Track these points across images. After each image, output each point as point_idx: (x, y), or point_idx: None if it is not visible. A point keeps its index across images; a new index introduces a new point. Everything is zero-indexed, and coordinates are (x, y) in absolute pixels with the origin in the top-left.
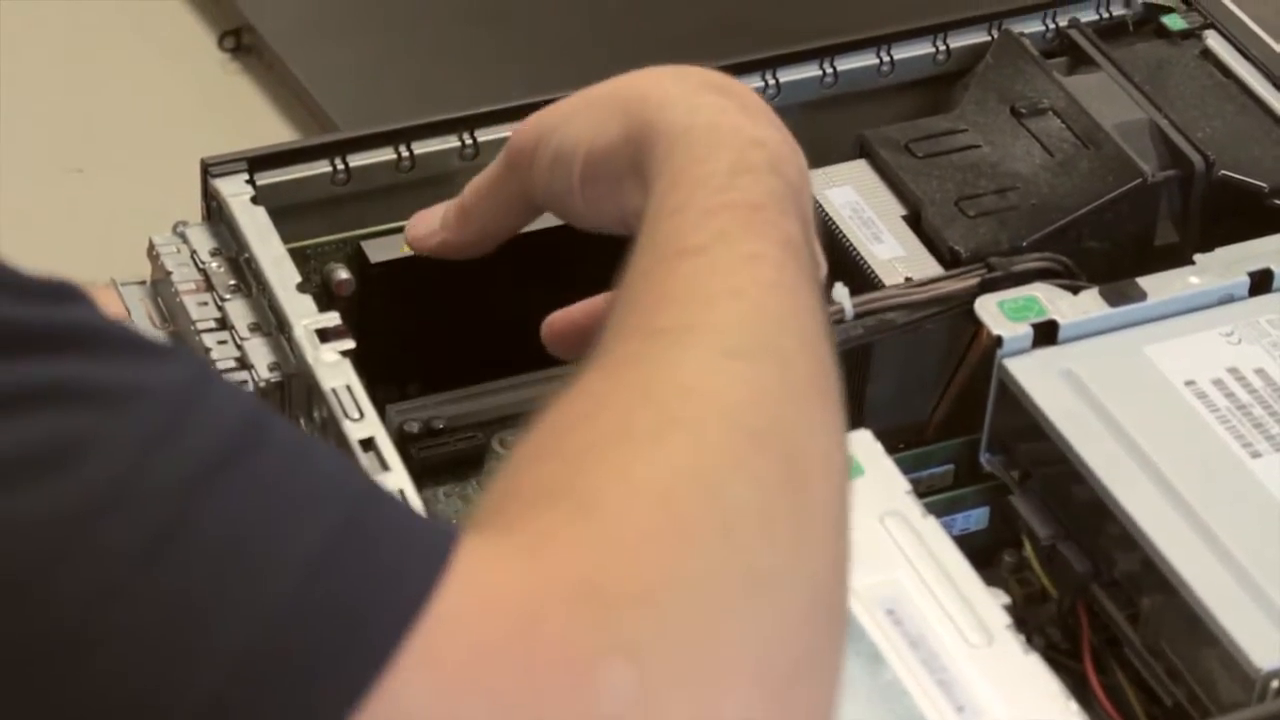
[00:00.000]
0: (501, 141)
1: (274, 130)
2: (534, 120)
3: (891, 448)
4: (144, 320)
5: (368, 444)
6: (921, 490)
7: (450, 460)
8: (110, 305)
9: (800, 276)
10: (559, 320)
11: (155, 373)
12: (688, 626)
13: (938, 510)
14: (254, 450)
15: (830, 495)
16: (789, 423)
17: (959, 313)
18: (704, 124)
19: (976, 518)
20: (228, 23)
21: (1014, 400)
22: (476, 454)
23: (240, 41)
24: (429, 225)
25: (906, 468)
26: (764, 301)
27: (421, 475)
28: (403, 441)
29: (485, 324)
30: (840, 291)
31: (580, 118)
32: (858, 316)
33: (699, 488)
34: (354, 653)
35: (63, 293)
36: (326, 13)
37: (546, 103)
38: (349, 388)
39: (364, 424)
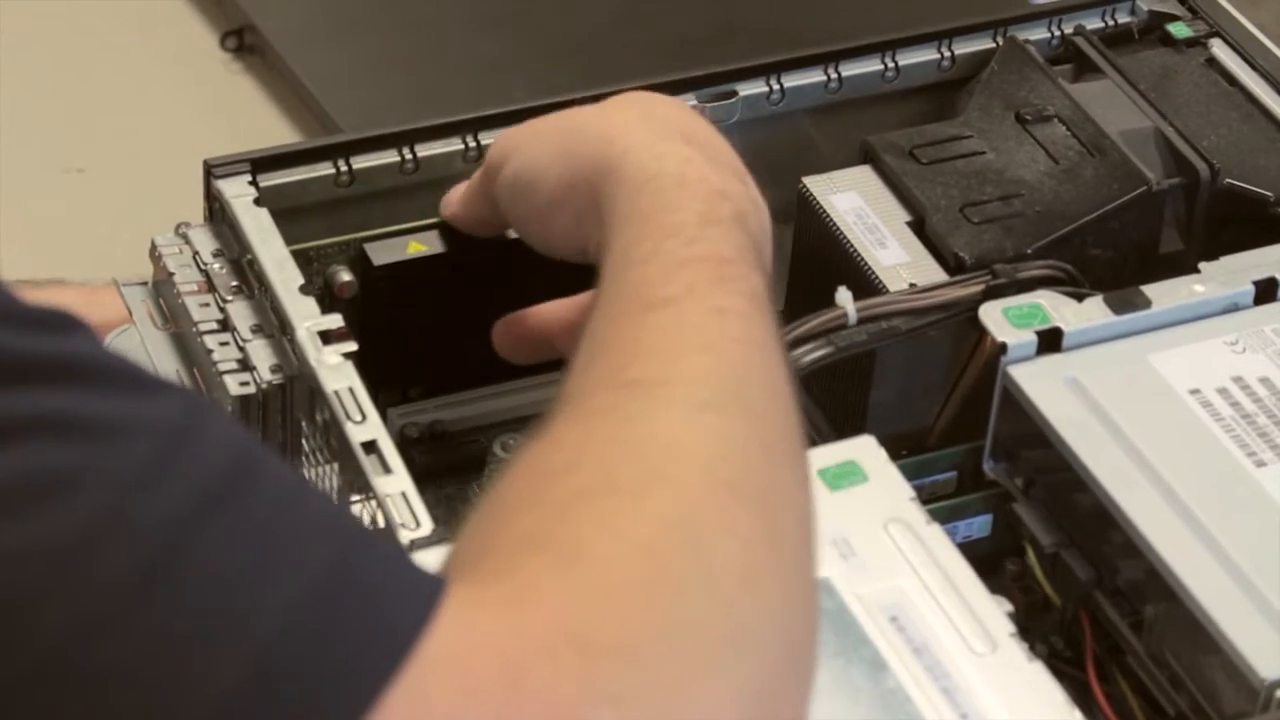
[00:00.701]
0: None
1: (276, 130)
2: (505, 137)
3: (895, 454)
4: (145, 321)
5: (370, 446)
6: (924, 497)
7: (452, 463)
8: (111, 305)
9: (767, 331)
10: (512, 325)
11: (150, 407)
12: (671, 678)
13: (941, 517)
14: (246, 489)
15: (805, 551)
16: (764, 478)
17: (963, 319)
18: (671, 173)
19: (979, 525)
20: (230, 23)
21: (1018, 407)
22: (478, 457)
23: (243, 42)
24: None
25: (909, 474)
26: (733, 356)
27: (423, 478)
28: (404, 444)
29: (487, 327)
30: (844, 296)
31: (546, 147)
32: (861, 322)
33: (683, 541)
34: (340, 695)
35: (61, 323)
36: (329, 13)
37: (551, 107)
38: (351, 390)
39: (366, 426)
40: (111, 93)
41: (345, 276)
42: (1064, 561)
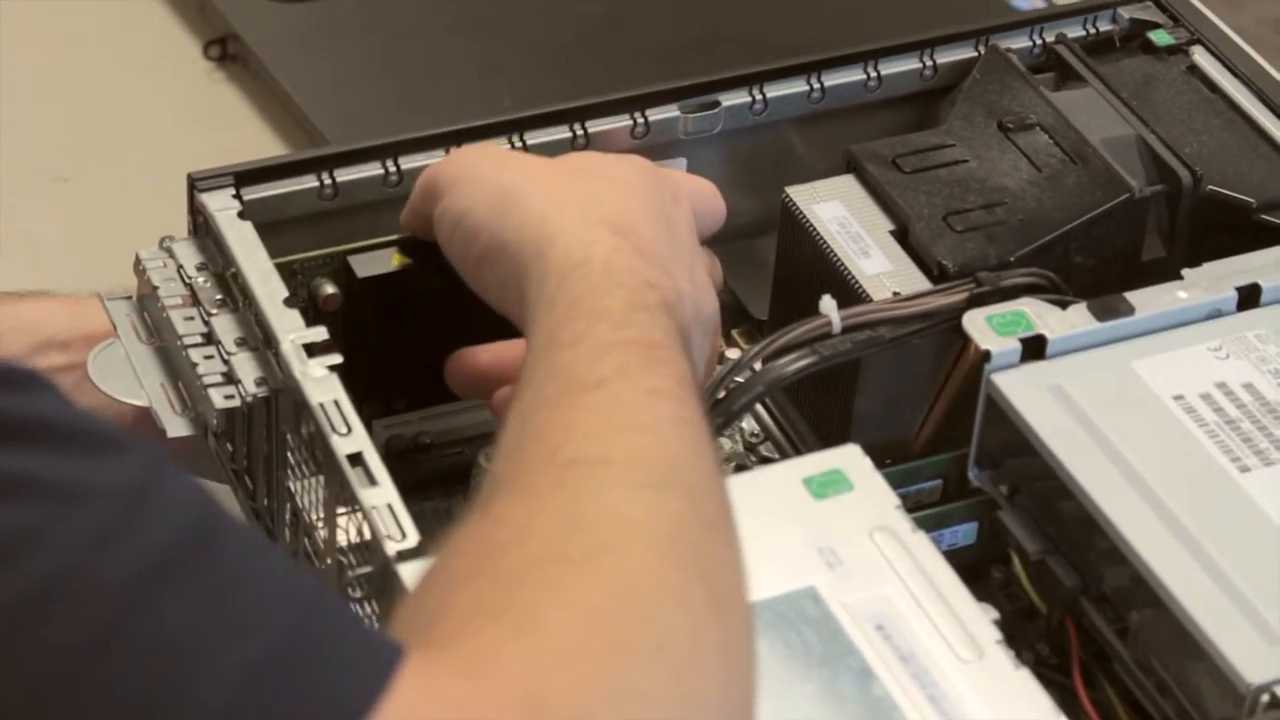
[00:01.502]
0: None
1: (259, 139)
2: (448, 165)
3: (879, 463)
4: (130, 335)
5: (355, 459)
6: (910, 505)
7: (437, 475)
8: (97, 316)
9: (697, 411)
10: (465, 363)
11: (111, 468)
12: None
13: (926, 525)
14: (204, 551)
15: (746, 623)
16: (706, 553)
17: (947, 327)
18: (598, 260)
19: (965, 533)
20: (213, 32)
21: (1002, 415)
22: (463, 469)
23: (226, 50)
24: None
25: (894, 483)
26: (669, 436)
27: (408, 490)
28: (389, 456)
29: (471, 339)
30: (828, 304)
31: (485, 200)
32: (845, 331)
33: (634, 609)
34: None
35: (23, 382)
36: (311, 22)
37: (531, 120)
38: (336, 403)
39: (351, 439)
40: (95, 101)
41: (329, 289)
42: (1049, 568)
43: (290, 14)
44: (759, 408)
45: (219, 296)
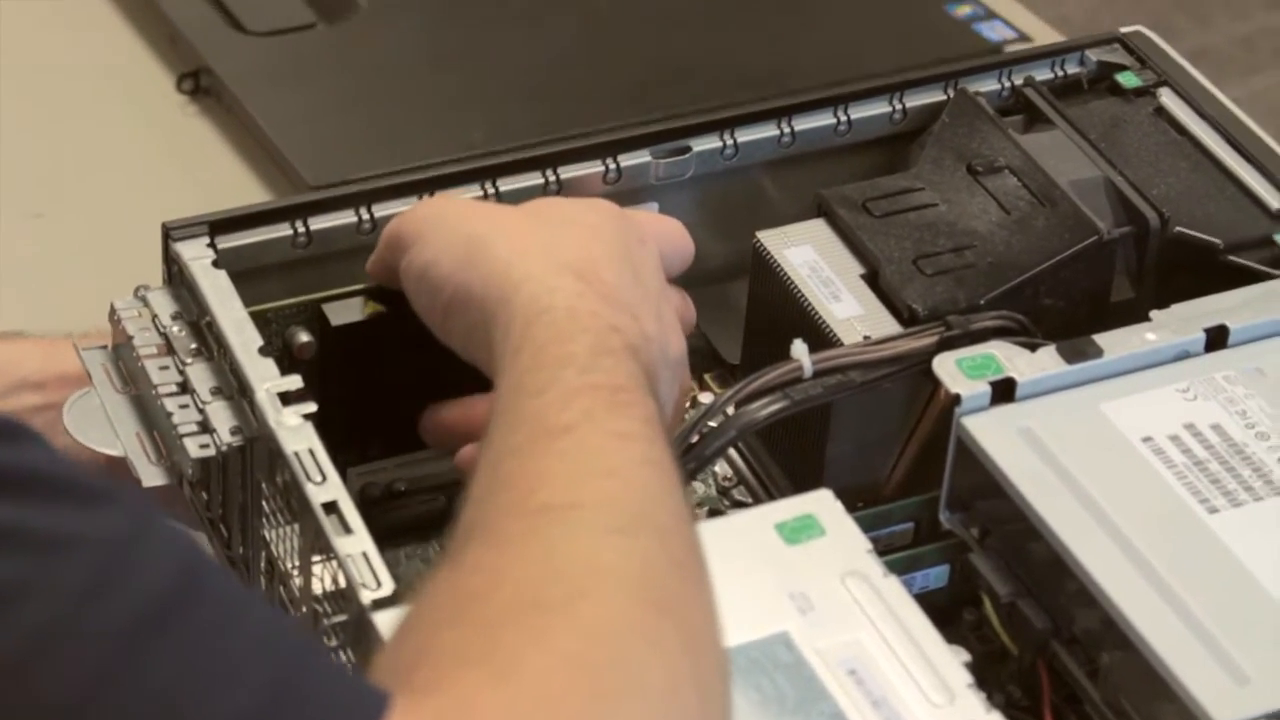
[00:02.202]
0: None
1: (232, 172)
2: (413, 217)
3: (851, 506)
4: (105, 384)
5: (330, 507)
6: (881, 548)
7: (412, 522)
8: (72, 358)
9: (665, 452)
10: (434, 418)
11: (95, 520)
12: None
13: (898, 568)
14: (191, 602)
15: (719, 662)
16: (678, 594)
17: (917, 371)
18: (563, 306)
19: (936, 575)
20: (186, 65)
21: (972, 458)
22: (438, 516)
23: (198, 84)
24: None
25: (866, 526)
26: (637, 479)
27: (383, 537)
28: (364, 503)
29: (446, 386)
30: (799, 349)
31: (451, 251)
32: (817, 375)
33: (611, 653)
34: None
35: (10, 433)
36: (283, 55)
37: (503, 167)
38: (311, 451)
39: (326, 487)
40: (68, 136)
41: (304, 337)
42: (1020, 611)
43: (262, 47)
44: (732, 451)
45: (194, 345)
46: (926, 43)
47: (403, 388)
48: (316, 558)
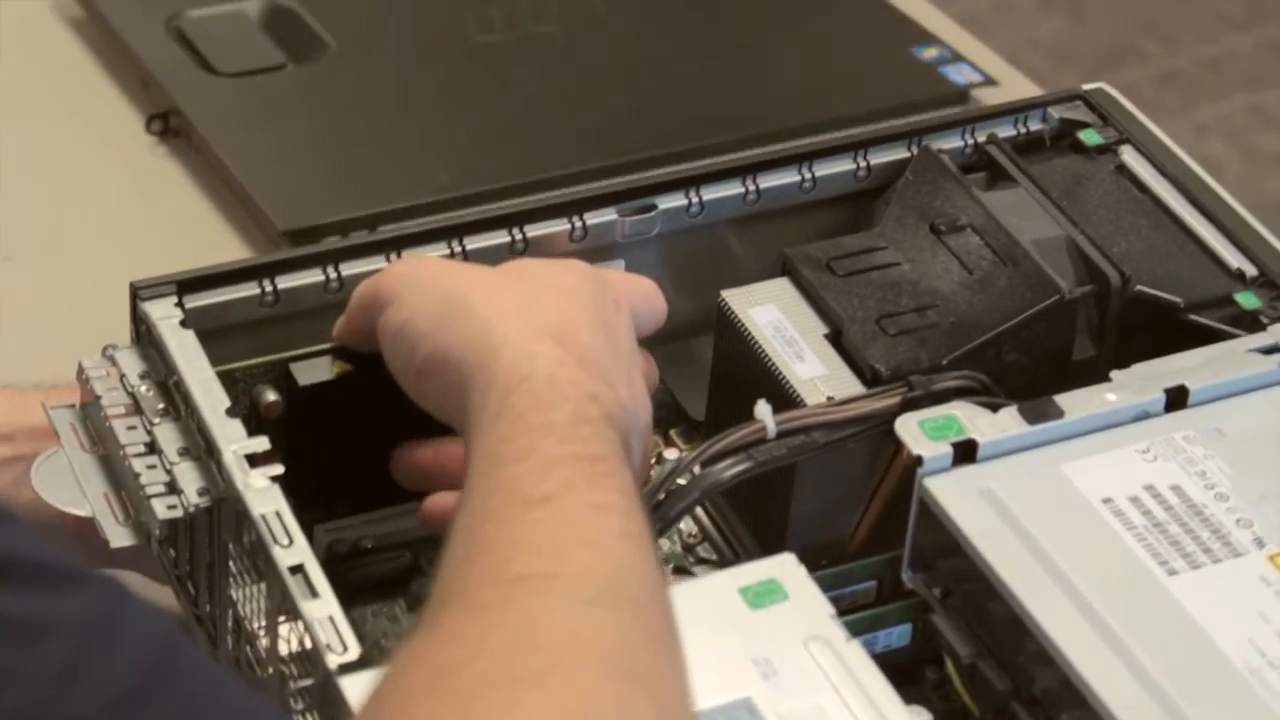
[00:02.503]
0: None
1: (201, 213)
2: (390, 276)
3: (815, 565)
4: (73, 444)
5: (296, 569)
6: (844, 607)
7: (379, 579)
8: (37, 410)
9: (642, 526)
10: (408, 458)
11: (70, 603)
12: None
13: (861, 627)
14: (164, 683)
15: None
16: (652, 667)
17: (880, 431)
18: (543, 374)
19: (899, 634)
20: (155, 106)
21: (934, 519)
22: (404, 573)
23: (168, 124)
24: None
25: (829, 585)
26: (615, 551)
27: (350, 594)
28: (331, 561)
29: None
30: (763, 410)
31: (428, 310)
32: (780, 436)
33: None
34: None
35: None
36: (253, 97)
37: (470, 225)
38: (278, 514)
39: (293, 550)
40: (37, 177)
41: (271, 396)
42: (981, 671)
43: (232, 89)
44: (697, 509)
45: (161, 405)
46: (893, 86)
47: (370, 446)
48: (283, 618)
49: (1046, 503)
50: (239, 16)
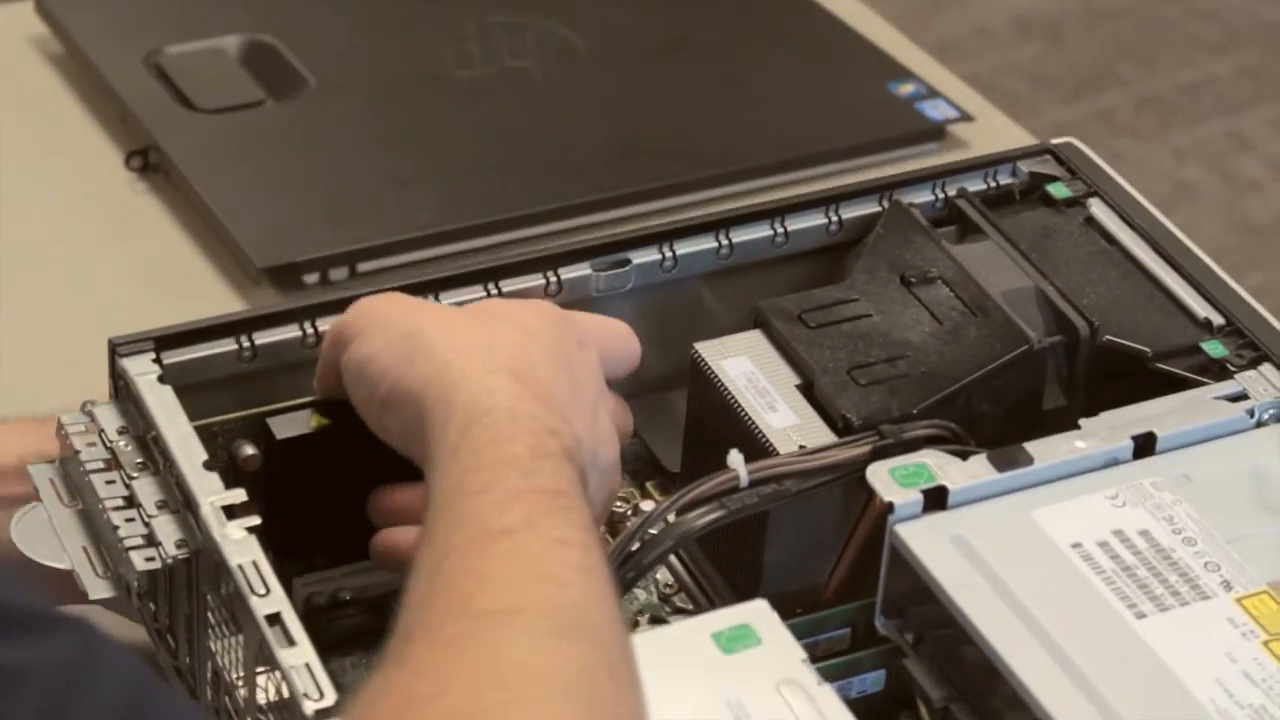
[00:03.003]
0: None
1: (180, 249)
2: (357, 312)
3: (789, 612)
4: (53, 499)
5: (274, 619)
6: (819, 654)
7: (357, 631)
8: (14, 444)
9: (601, 559)
10: (385, 499)
11: (42, 651)
12: None
13: (835, 673)
14: None
15: None
16: (611, 698)
17: (852, 479)
18: (503, 408)
19: (873, 680)
20: (135, 142)
21: (905, 565)
22: (383, 625)
23: (147, 161)
24: None
25: (804, 632)
26: (574, 585)
27: (329, 646)
28: (310, 612)
29: None
30: (735, 459)
31: (391, 346)
32: (753, 484)
33: None
34: None
35: None
36: (232, 133)
37: (446, 280)
38: (255, 564)
39: (270, 599)
40: (15, 213)
41: (249, 450)
42: (954, 715)
43: (211, 125)
44: (673, 559)
45: (139, 460)
46: (870, 121)
47: (347, 498)
48: (261, 668)
49: (1017, 548)
50: (218, 52)
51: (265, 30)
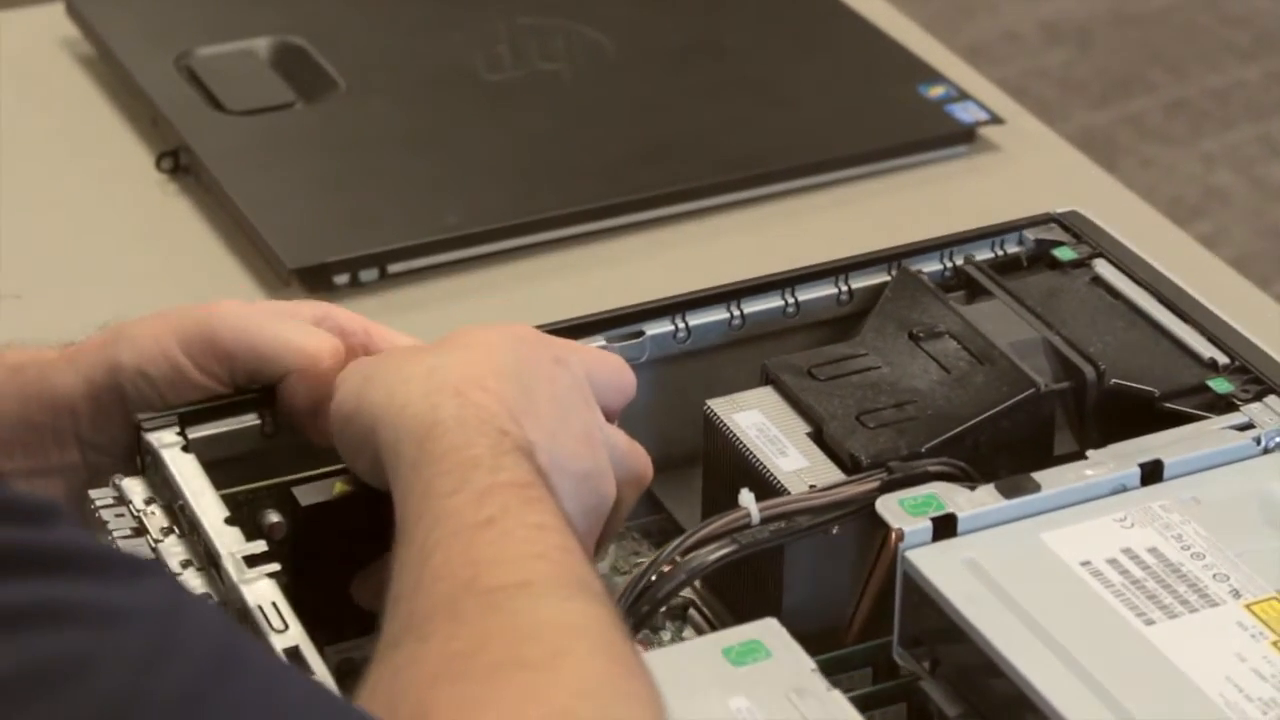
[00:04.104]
0: None
1: (210, 251)
2: (341, 375)
3: (811, 653)
4: None
5: (293, 653)
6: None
7: None
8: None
9: (578, 544)
10: (365, 581)
11: (140, 591)
12: None
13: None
14: (237, 668)
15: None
16: (634, 656)
17: (865, 517)
18: (451, 416)
19: (895, 714)
20: (165, 144)
21: (918, 590)
22: None
23: (178, 162)
24: None
25: (826, 671)
26: (564, 562)
27: None
28: (341, 678)
29: None
30: (746, 498)
31: (355, 389)
32: (764, 521)
33: (595, 705)
34: None
35: (48, 513)
36: (262, 135)
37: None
38: (274, 604)
39: (288, 635)
40: (47, 215)
41: (274, 518)
42: None
43: (241, 127)
44: (694, 613)
45: (165, 524)
46: (900, 125)
47: (374, 564)
48: None
49: (1026, 568)
50: (249, 55)
51: (295, 32)
